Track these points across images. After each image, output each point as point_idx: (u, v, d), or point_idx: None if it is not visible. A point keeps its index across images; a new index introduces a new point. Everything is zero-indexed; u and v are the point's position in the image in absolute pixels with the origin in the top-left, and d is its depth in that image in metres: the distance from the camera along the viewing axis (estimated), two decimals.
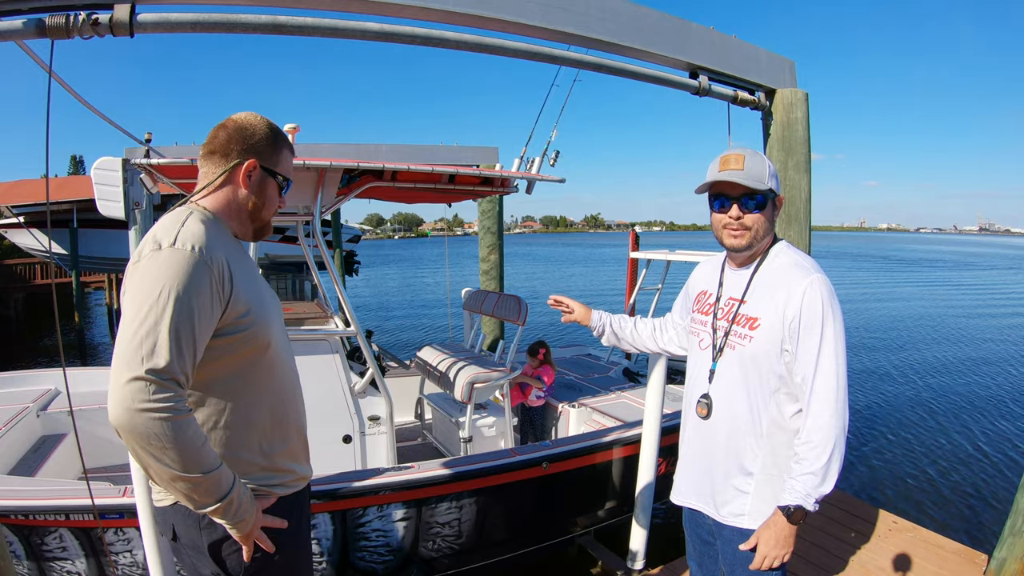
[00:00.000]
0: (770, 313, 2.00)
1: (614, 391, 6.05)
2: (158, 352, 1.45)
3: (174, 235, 1.59)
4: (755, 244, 2.08)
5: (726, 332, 2.13)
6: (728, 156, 2.06)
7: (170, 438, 1.42)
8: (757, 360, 2.02)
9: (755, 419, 2.05)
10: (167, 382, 1.44)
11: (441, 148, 9.98)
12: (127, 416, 1.40)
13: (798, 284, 1.96)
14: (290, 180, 1.94)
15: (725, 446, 2.11)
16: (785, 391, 2.02)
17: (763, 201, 2.04)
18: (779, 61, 4.01)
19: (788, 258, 2.09)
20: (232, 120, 1.83)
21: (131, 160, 3.82)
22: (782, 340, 1.98)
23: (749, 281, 2.12)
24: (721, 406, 2.13)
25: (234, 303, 1.66)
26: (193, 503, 1.55)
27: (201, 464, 1.49)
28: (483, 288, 10.88)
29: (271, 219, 1.95)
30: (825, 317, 1.92)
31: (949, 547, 4.18)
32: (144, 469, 1.49)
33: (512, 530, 4.22)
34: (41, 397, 5.18)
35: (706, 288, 2.32)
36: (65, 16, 2.43)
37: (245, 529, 1.65)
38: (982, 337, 17.19)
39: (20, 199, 18.38)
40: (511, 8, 2.99)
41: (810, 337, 1.93)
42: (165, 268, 1.52)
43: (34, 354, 16.13)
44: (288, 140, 1.92)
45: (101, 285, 24.91)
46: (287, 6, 2.70)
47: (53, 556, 3.36)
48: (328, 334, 4.23)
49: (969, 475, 7.56)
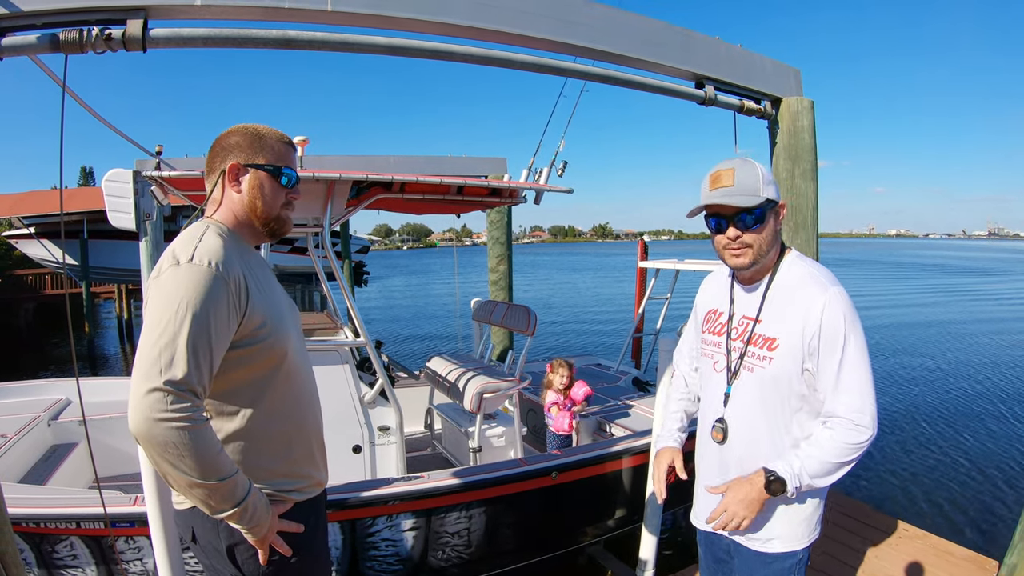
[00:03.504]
0: (789, 333, 1.91)
1: (623, 400, 6.05)
2: (176, 364, 1.49)
3: (192, 251, 1.63)
4: (760, 260, 1.97)
5: (742, 354, 2.03)
6: (718, 172, 1.95)
7: (187, 446, 1.47)
8: (777, 382, 1.93)
9: (775, 441, 1.97)
10: (184, 393, 1.49)
11: (450, 159, 10.03)
12: (147, 426, 1.45)
13: (816, 300, 1.86)
14: (284, 167, 1.89)
15: (742, 470, 2.02)
16: (807, 409, 1.94)
17: (761, 215, 1.92)
18: (784, 70, 4.02)
19: (802, 270, 1.98)
20: (215, 141, 1.88)
21: (142, 172, 3.87)
22: (803, 360, 1.89)
23: (763, 298, 2.01)
24: (737, 430, 2.04)
25: (250, 315, 1.70)
26: (210, 508, 1.59)
27: (218, 471, 1.54)
28: (492, 298, 10.90)
29: (283, 214, 1.93)
30: (848, 333, 1.83)
31: (959, 553, 4.15)
32: (163, 476, 1.54)
33: (522, 540, 4.21)
34: (52, 407, 5.22)
35: (716, 307, 2.22)
36: (78, 31, 2.46)
37: (260, 534, 1.69)
38: (992, 342, 17.05)
39: (31, 210, 18.55)
40: (518, 22, 3.01)
41: (832, 355, 1.84)
42: (183, 283, 1.57)
43: (44, 364, 16.23)
44: (272, 135, 1.89)
45: (111, 296, 25.04)
46: (297, 21, 2.73)
47: (64, 564, 3.39)
48: (338, 345, 4.25)
49: (979, 481, 7.50)
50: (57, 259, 19.80)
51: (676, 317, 9.62)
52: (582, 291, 37.41)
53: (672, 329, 9.56)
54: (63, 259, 19.65)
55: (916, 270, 53.54)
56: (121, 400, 4.86)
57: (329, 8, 2.68)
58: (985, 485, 7.39)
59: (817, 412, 1.93)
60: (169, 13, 2.59)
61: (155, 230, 3.94)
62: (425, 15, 2.83)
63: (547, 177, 4.60)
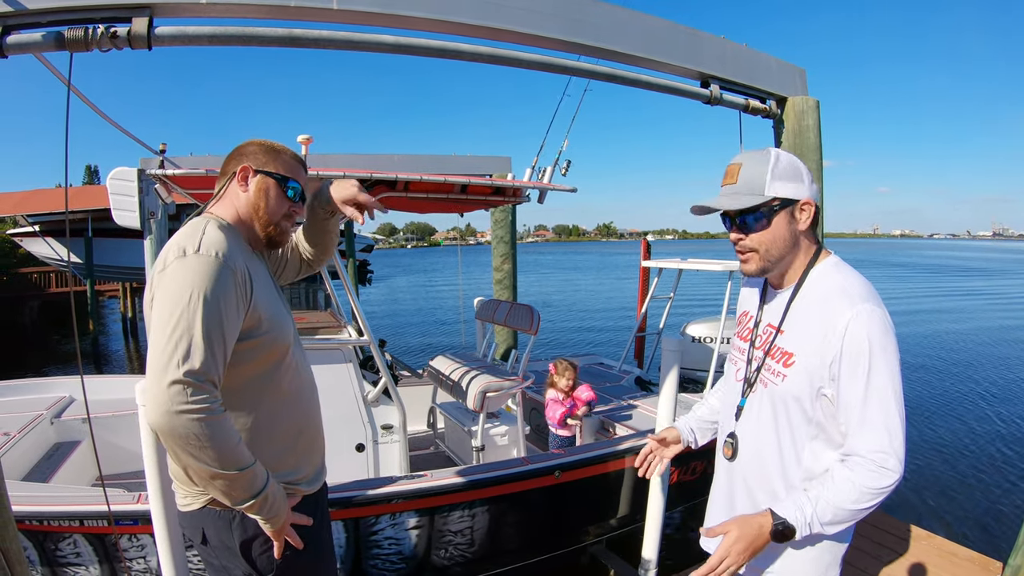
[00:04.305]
0: (807, 350, 1.69)
1: (626, 400, 6.04)
2: (193, 355, 1.50)
3: (197, 242, 1.64)
4: (771, 266, 1.77)
5: (759, 365, 1.83)
6: (729, 167, 1.79)
7: (208, 436, 1.49)
8: (789, 403, 1.73)
9: (785, 467, 1.76)
10: (204, 384, 1.50)
11: (454, 158, 10.01)
12: (167, 419, 1.46)
13: (840, 317, 1.62)
14: (294, 180, 1.95)
15: (748, 493, 1.85)
16: (824, 438, 1.71)
17: (764, 216, 1.73)
18: (790, 69, 4.00)
19: (833, 281, 1.73)
20: (233, 149, 1.96)
21: (146, 171, 3.87)
22: (820, 383, 1.66)
23: (787, 306, 1.79)
24: (747, 448, 1.86)
25: (254, 308, 1.72)
26: (231, 499, 1.61)
27: (237, 461, 1.56)
28: (496, 297, 10.89)
29: (283, 224, 1.95)
30: (873, 358, 1.58)
31: (963, 555, 4.13)
32: (183, 469, 1.58)
33: (524, 539, 4.21)
34: (55, 404, 5.23)
35: (748, 309, 2.02)
36: (84, 29, 2.46)
37: (278, 524, 1.71)
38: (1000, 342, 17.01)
39: (35, 208, 18.58)
40: (525, 21, 3.01)
41: (854, 382, 1.60)
42: (192, 273, 1.58)
43: (48, 361, 16.26)
44: (287, 152, 1.97)
45: (116, 294, 25.11)
46: (303, 19, 2.73)
47: (67, 562, 3.39)
48: (341, 343, 4.25)
49: (984, 483, 7.48)
50: (62, 257, 19.83)
51: (678, 316, 9.63)
52: (585, 290, 37.38)
53: (675, 328, 9.56)
54: (68, 257, 19.68)
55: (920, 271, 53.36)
56: (124, 398, 4.88)
57: (335, 6, 2.67)
58: (991, 486, 7.37)
59: (836, 443, 1.70)
60: (174, 11, 2.58)
61: (159, 228, 3.93)
62: (431, 13, 2.82)
63: (551, 176, 4.60)
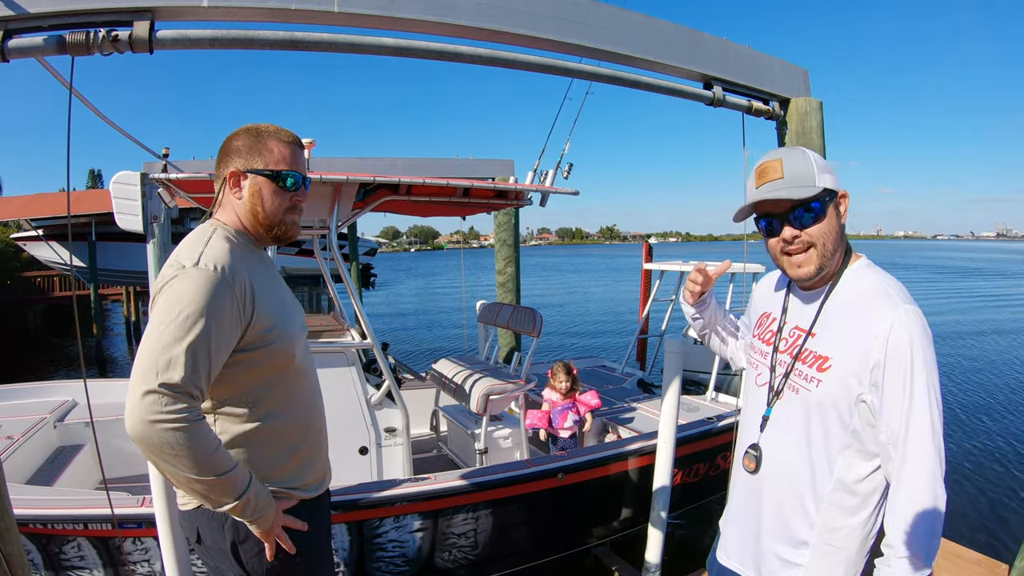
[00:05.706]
0: (846, 353, 1.61)
1: (629, 402, 6.04)
2: (173, 368, 1.51)
3: (198, 255, 1.64)
4: (827, 264, 1.68)
5: (787, 371, 1.75)
6: (764, 165, 1.70)
7: (183, 446, 1.49)
8: (824, 409, 1.64)
9: (816, 479, 1.66)
10: (180, 395, 1.50)
11: (456, 161, 10.03)
12: (142, 427, 1.47)
13: (884, 319, 1.55)
14: (287, 171, 1.86)
15: (774, 507, 1.76)
16: (857, 447, 1.62)
17: (821, 208, 1.64)
18: (793, 70, 4.00)
19: (870, 282, 1.67)
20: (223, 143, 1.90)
21: (149, 174, 3.87)
22: (859, 389, 1.58)
23: (820, 308, 1.72)
24: (772, 460, 1.76)
25: (256, 319, 1.71)
26: (211, 503, 1.62)
27: (214, 467, 1.56)
28: (499, 300, 10.88)
29: (287, 219, 1.91)
30: (915, 363, 1.51)
31: (969, 556, 4.12)
32: (162, 474, 1.57)
33: (528, 541, 4.20)
34: (58, 408, 5.23)
35: (769, 310, 1.93)
36: (85, 33, 2.46)
37: (265, 525, 1.71)
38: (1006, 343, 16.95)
39: (39, 212, 18.63)
40: (525, 22, 3.00)
41: (898, 389, 1.52)
42: (186, 288, 1.58)
43: (51, 365, 16.31)
44: (275, 135, 1.87)
45: (119, 298, 25.12)
46: (304, 22, 2.73)
47: (71, 565, 3.39)
48: (344, 347, 4.25)
49: (989, 484, 7.46)
50: (65, 261, 19.88)
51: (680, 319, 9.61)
52: (588, 293, 37.37)
53: (676, 330, 9.55)
54: (71, 261, 19.73)
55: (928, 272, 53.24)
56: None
57: (336, 9, 2.67)
58: (996, 488, 7.35)
59: (870, 453, 1.62)
60: (176, 14, 2.58)
61: (162, 232, 3.93)
62: (432, 16, 2.82)
63: (552, 179, 4.59)
